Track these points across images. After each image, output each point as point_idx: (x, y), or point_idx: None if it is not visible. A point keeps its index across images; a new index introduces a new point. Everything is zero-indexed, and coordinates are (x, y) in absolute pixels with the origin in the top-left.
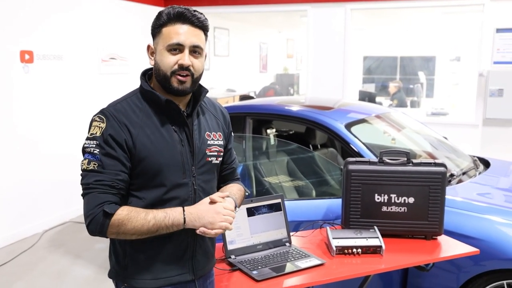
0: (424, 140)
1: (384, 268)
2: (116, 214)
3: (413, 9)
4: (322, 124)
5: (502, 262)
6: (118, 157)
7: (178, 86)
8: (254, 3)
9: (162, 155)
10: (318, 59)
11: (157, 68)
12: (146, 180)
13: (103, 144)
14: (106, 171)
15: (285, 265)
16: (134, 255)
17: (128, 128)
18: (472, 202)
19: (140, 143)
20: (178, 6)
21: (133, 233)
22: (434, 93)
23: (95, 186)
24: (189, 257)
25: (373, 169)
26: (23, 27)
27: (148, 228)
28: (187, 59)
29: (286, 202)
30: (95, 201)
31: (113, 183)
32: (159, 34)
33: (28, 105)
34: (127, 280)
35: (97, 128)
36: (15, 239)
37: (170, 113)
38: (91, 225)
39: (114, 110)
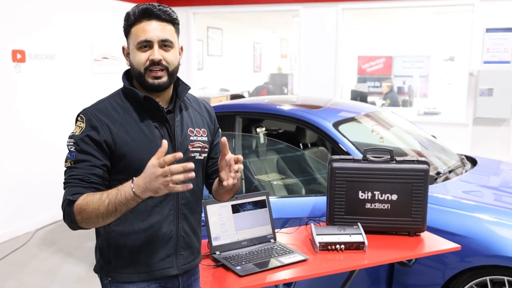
0: (412, 139)
1: (366, 264)
2: (77, 201)
3: (404, 9)
4: (310, 122)
5: (486, 259)
6: (92, 153)
7: (153, 81)
8: (246, 3)
9: (143, 150)
10: (310, 58)
11: (132, 67)
12: (128, 176)
13: (79, 142)
14: (78, 166)
15: (268, 261)
16: (118, 249)
17: (108, 126)
18: (457, 199)
19: (121, 140)
20: (143, 4)
21: (95, 216)
22: (429, 92)
23: (68, 181)
24: (173, 252)
25: (357, 166)
26: (15, 26)
27: (106, 208)
28: (157, 53)
29: (274, 200)
30: (65, 195)
31: (84, 177)
32: (129, 34)
33: (20, 104)
34: (111, 274)
35: (77, 127)
36: (7, 238)
37: (150, 109)
38: (64, 218)
39: (95, 110)
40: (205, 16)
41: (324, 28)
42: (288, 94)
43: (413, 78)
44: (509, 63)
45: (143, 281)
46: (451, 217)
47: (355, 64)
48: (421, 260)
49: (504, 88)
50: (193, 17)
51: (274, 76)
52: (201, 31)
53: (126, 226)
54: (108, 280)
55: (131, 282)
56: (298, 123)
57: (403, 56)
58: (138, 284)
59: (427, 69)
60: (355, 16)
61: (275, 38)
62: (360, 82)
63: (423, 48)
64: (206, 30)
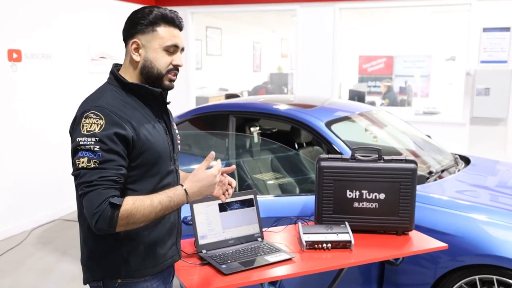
0: (406, 138)
1: (352, 263)
2: (123, 205)
3: (402, 9)
4: (303, 122)
5: (476, 258)
6: (119, 153)
7: (169, 84)
8: (244, 3)
9: (159, 145)
10: (308, 58)
11: (149, 65)
12: (145, 171)
13: (106, 140)
14: (109, 167)
15: (254, 260)
16: (133, 246)
17: (130, 122)
18: (447, 198)
19: (143, 135)
20: (169, 11)
21: (141, 222)
22: (430, 92)
23: (100, 182)
24: (175, 240)
25: (344, 165)
26: (11, 25)
27: (156, 213)
28: (181, 60)
29: (266, 199)
30: (100, 197)
31: (117, 178)
32: (151, 32)
33: (17, 104)
34: (129, 274)
35: (94, 125)
36: (3, 237)
37: (153, 104)
38: (99, 222)
39: (107, 105)
40: (204, 16)
41: (322, 27)
42: (288, 94)
43: (414, 77)
44: (506, 62)
45: (159, 272)
46: (441, 216)
47: (356, 64)
48: (412, 259)
49: (501, 87)
50: (191, 16)
51: (274, 75)
52: (200, 31)
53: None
54: (119, 282)
55: (147, 276)
56: (291, 122)
57: (404, 55)
58: (151, 279)
59: (428, 68)
60: (356, 16)
61: (275, 37)
62: (361, 82)
63: (424, 48)
64: (205, 29)
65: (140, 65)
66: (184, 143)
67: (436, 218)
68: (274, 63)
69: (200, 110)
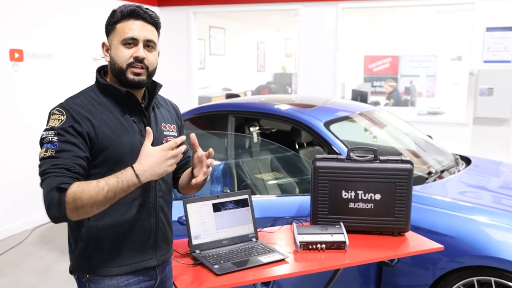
0: (407, 139)
1: (347, 264)
2: (69, 188)
3: (405, 8)
4: (301, 121)
5: (474, 259)
6: (77, 144)
7: (133, 77)
8: (246, 2)
9: (124, 144)
10: (310, 58)
11: (112, 62)
12: (108, 169)
13: (62, 132)
14: (64, 156)
15: (247, 260)
16: (99, 243)
17: (89, 119)
18: (445, 199)
19: (102, 133)
20: (131, 4)
21: (91, 204)
22: (436, 92)
23: (51, 170)
24: (152, 244)
25: (340, 165)
26: (13, 25)
27: (104, 195)
28: (142, 51)
29: (262, 199)
30: (50, 184)
31: (70, 167)
32: (113, 30)
33: (18, 103)
34: (92, 270)
35: (56, 120)
36: (5, 236)
37: (129, 104)
38: (50, 209)
39: (73, 104)
40: (208, 16)
41: (324, 27)
42: (292, 94)
43: (419, 77)
44: (509, 62)
45: (124, 274)
46: (440, 217)
47: (362, 64)
48: (410, 260)
49: (505, 87)
50: (193, 16)
51: (278, 75)
52: (204, 31)
53: (106, 220)
54: (87, 278)
55: (112, 275)
56: (290, 122)
57: (410, 55)
58: (117, 278)
59: (434, 68)
60: (360, 15)
61: (279, 37)
62: (366, 82)
63: (430, 48)
64: (208, 29)
65: (110, 65)
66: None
67: (434, 219)
68: (278, 63)
69: (200, 110)
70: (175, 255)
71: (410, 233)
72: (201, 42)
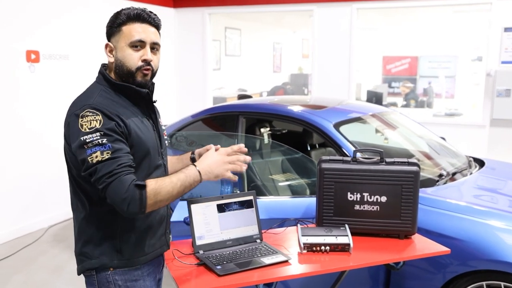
0: (419, 140)
1: (350, 266)
2: (148, 185)
3: (422, 8)
4: (310, 123)
5: (484, 263)
6: (123, 141)
7: (141, 79)
8: (260, 3)
9: (147, 140)
10: (325, 59)
11: (119, 64)
12: (135, 164)
13: (109, 132)
14: (122, 155)
15: (250, 261)
16: (126, 236)
17: (120, 117)
18: (456, 202)
19: (133, 130)
20: (136, 8)
21: (167, 199)
22: (455, 93)
23: (119, 170)
24: (163, 231)
25: (345, 167)
26: (29, 26)
27: (177, 190)
28: (150, 54)
29: (269, 200)
30: (124, 183)
31: (131, 164)
32: (118, 32)
33: (34, 103)
34: (121, 263)
35: (94, 121)
36: (21, 234)
37: (141, 103)
38: (130, 206)
39: (98, 104)
40: (223, 17)
41: (339, 28)
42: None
43: (438, 78)
44: None
45: (148, 261)
46: (449, 220)
47: (380, 65)
48: (419, 263)
49: None
50: (208, 17)
51: (294, 76)
52: (219, 32)
53: None
54: (110, 271)
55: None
56: (300, 123)
57: (429, 56)
58: (141, 268)
59: (454, 69)
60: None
61: (296, 38)
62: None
63: (449, 48)
64: (224, 30)
65: (114, 66)
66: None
67: (444, 222)
68: (295, 64)
69: (211, 110)
70: (178, 255)
71: (417, 236)
72: (217, 43)
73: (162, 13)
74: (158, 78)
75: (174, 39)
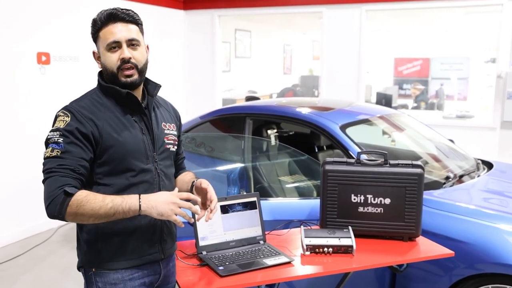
0: (427, 142)
1: (353, 268)
2: (76, 195)
3: (432, 10)
4: (317, 124)
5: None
6: (81, 146)
7: (126, 79)
8: (269, 5)
9: (126, 142)
10: (334, 60)
11: (104, 69)
12: (113, 166)
13: (67, 134)
14: (69, 157)
15: (253, 262)
16: (107, 238)
17: (93, 120)
18: (462, 205)
19: (106, 133)
20: (108, 9)
21: (90, 215)
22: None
23: (57, 170)
24: (158, 238)
25: (349, 169)
26: (40, 28)
27: (106, 210)
28: (126, 52)
29: (274, 201)
30: (56, 183)
31: (75, 168)
32: (98, 38)
33: (44, 105)
34: (100, 264)
35: (61, 122)
36: (32, 233)
37: (129, 105)
38: (50, 206)
39: (77, 106)
40: (233, 19)
41: (348, 29)
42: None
43: (451, 80)
44: None
45: (130, 267)
46: (455, 222)
47: (392, 66)
48: (425, 265)
49: None
50: (218, 19)
51: (305, 78)
52: (229, 33)
53: None
54: (93, 271)
55: (118, 269)
56: (305, 125)
57: (441, 58)
58: (122, 272)
59: (466, 71)
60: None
61: (306, 39)
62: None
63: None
64: (234, 32)
65: (103, 72)
66: (207, 146)
67: (450, 224)
68: (305, 65)
69: (219, 112)
70: (182, 256)
71: (421, 238)
72: (227, 44)
73: (172, 15)
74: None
75: (184, 41)
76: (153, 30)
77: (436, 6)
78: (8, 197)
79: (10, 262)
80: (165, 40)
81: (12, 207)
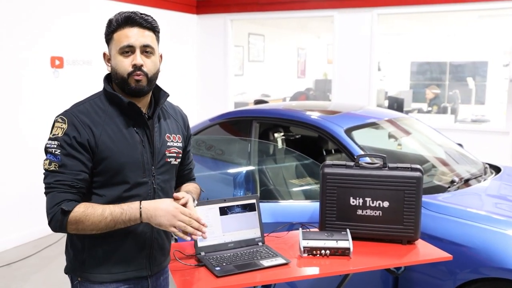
0: (434, 146)
1: (350, 270)
2: (73, 211)
3: (445, 13)
4: (321, 127)
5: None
6: (79, 158)
7: (135, 85)
8: (281, 9)
9: (123, 154)
10: (346, 64)
11: (114, 72)
12: (108, 178)
13: (65, 145)
14: (66, 172)
15: (249, 263)
16: (92, 249)
17: (90, 128)
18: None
19: (102, 143)
20: (126, 11)
21: (91, 229)
22: (485, 99)
23: (55, 186)
24: (147, 254)
25: (348, 172)
26: (54, 33)
27: (106, 223)
28: (139, 58)
29: (276, 204)
30: (54, 200)
31: (73, 183)
32: (111, 40)
33: (58, 108)
34: (83, 275)
35: (59, 129)
36: (43, 234)
37: (132, 114)
38: (52, 222)
39: (76, 111)
40: (247, 23)
41: (360, 33)
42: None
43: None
44: None
45: (114, 281)
46: (458, 226)
47: (408, 70)
48: (427, 269)
49: None
50: (230, 24)
51: (319, 82)
52: (243, 38)
53: None
54: (78, 280)
55: (102, 282)
56: (311, 128)
57: (458, 61)
58: (107, 285)
59: (484, 75)
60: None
61: (320, 43)
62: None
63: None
64: (247, 36)
65: (112, 75)
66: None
67: (453, 228)
68: (319, 69)
69: (227, 115)
70: (180, 256)
71: (420, 241)
72: (240, 48)
73: (185, 19)
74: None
75: (196, 45)
76: (166, 34)
77: (448, 9)
78: (22, 199)
79: (22, 261)
80: (178, 44)
81: (25, 208)
